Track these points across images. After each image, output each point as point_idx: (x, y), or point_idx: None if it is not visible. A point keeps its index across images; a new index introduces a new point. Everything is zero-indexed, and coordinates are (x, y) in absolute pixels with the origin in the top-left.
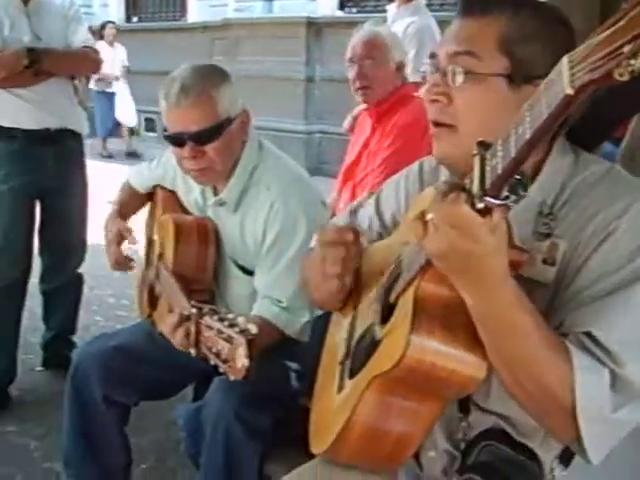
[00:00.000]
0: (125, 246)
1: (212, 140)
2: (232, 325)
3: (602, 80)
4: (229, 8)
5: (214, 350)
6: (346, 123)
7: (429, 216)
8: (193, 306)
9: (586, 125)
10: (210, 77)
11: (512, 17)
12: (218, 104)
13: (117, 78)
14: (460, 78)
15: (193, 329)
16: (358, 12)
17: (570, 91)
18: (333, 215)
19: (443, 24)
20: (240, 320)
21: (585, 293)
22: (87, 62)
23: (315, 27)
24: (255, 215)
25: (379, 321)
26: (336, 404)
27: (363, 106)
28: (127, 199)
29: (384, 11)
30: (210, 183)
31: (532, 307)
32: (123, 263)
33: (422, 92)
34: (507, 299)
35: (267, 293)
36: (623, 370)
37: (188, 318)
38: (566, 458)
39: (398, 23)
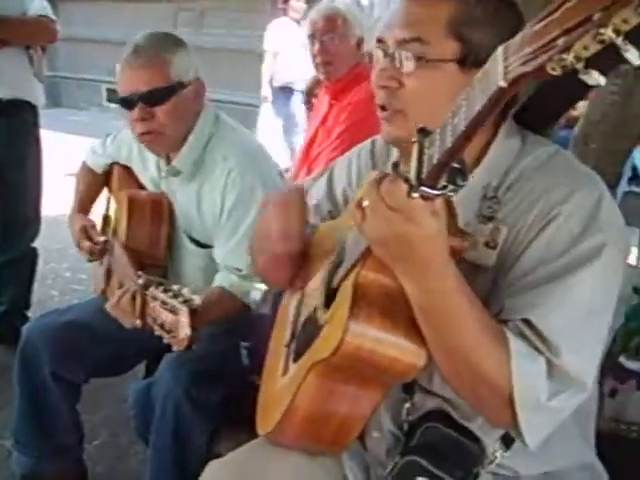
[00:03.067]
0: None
1: (162, 102)
2: (176, 296)
3: (535, 73)
4: None
5: (159, 321)
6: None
7: (365, 202)
8: (139, 277)
9: (535, 108)
10: (164, 41)
11: (459, 1)
12: (170, 67)
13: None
14: (410, 64)
15: (139, 300)
16: None
17: (503, 84)
18: None
19: None
20: (185, 291)
21: (525, 279)
22: (42, 32)
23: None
24: (212, 185)
25: (322, 305)
26: (280, 387)
27: (311, 80)
28: (85, 189)
29: None
30: (160, 150)
31: (472, 294)
32: (97, 254)
33: (372, 77)
34: (447, 286)
35: (226, 263)
36: (559, 359)
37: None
38: (508, 441)
39: None
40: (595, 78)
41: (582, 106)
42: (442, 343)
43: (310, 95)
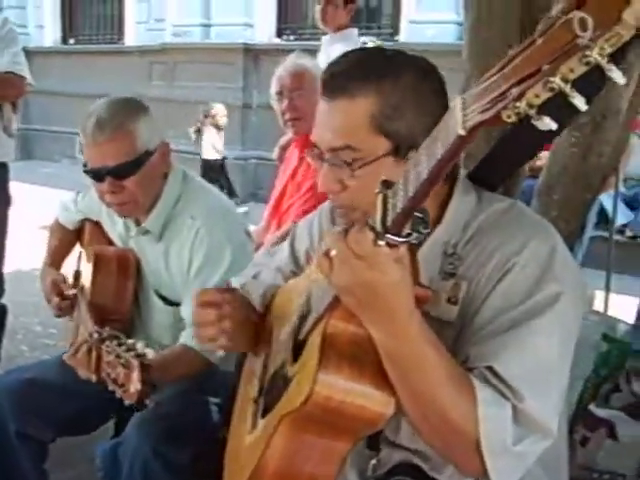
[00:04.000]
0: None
1: (131, 174)
2: (129, 349)
3: (492, 121)
4: (167, 32)
5: (112, 375)
6: (275, 154)
7: (333, 252)
8: (96, 330)
9: (488, 165)
10: (126, 111)
11: (376, 95)
12: (136, 138)
13: None
14: (347, 170)
15: (94, 354)
16: (295, 40)
17: (462, 132)
18: (260, 245)
19: None
20: (139, 345)
21: (487, 329)
22: (8, 88)
23: (252, 54)
24: (180, 244)
25: (290, 359)
26: (248, 443)
27: (289, 136)
28: (57, 244)
29: (320, 39)
30: (132, 216)
31: (438, 341)
32: (65, 310)
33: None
34: (413, 332)
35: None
36: (523, 404)
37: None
38: None
39: (329, 50)
40: (547, 124)
41: (545, 157)
42: (409, 389)
43: (284, 150)
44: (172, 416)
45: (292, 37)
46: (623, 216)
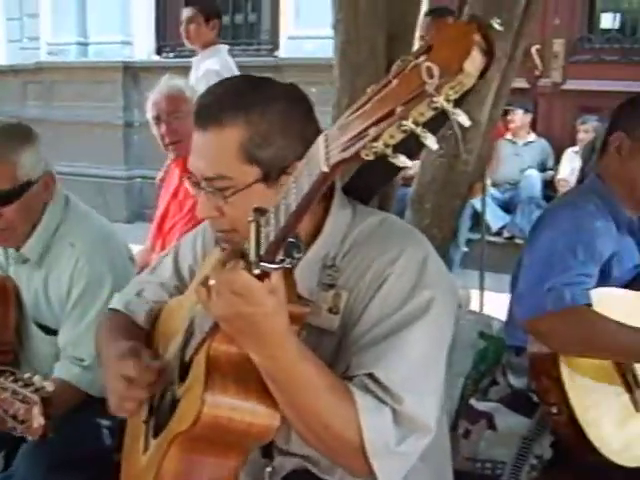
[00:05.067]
0: None
1: (8, 203)
2: (27, 385)
3: (352, 159)
4: (42, 51)
5: (11, 412)
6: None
7: (211, 282)
8: None
9: (360, 179)
10: (9, 140)
11: (245, 124)
12: (16, 169)
13: None
14: (221, 198)
15: None
16: (175, 57)
17: (325, 169)
18: (145, 266)
19: (249, 69)
20: (36, 379)
21: (366, 337)
22: None
23: (132, 72)
24: (60, 272)
25: (177, 379)
26: (143, 465)
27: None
28: None
29: None
30: (9, 245)
31: (315, 357)
32: None
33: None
34: (289, 355)
35: (69, 352)
36: (402, 407)
37: None
38: None
39: (200, 67)
40: (402, 161)
41: (416, 165)
42: (290, 403)
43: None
44: (62, 443)
45: (171, 54)
46: (499, 219)
